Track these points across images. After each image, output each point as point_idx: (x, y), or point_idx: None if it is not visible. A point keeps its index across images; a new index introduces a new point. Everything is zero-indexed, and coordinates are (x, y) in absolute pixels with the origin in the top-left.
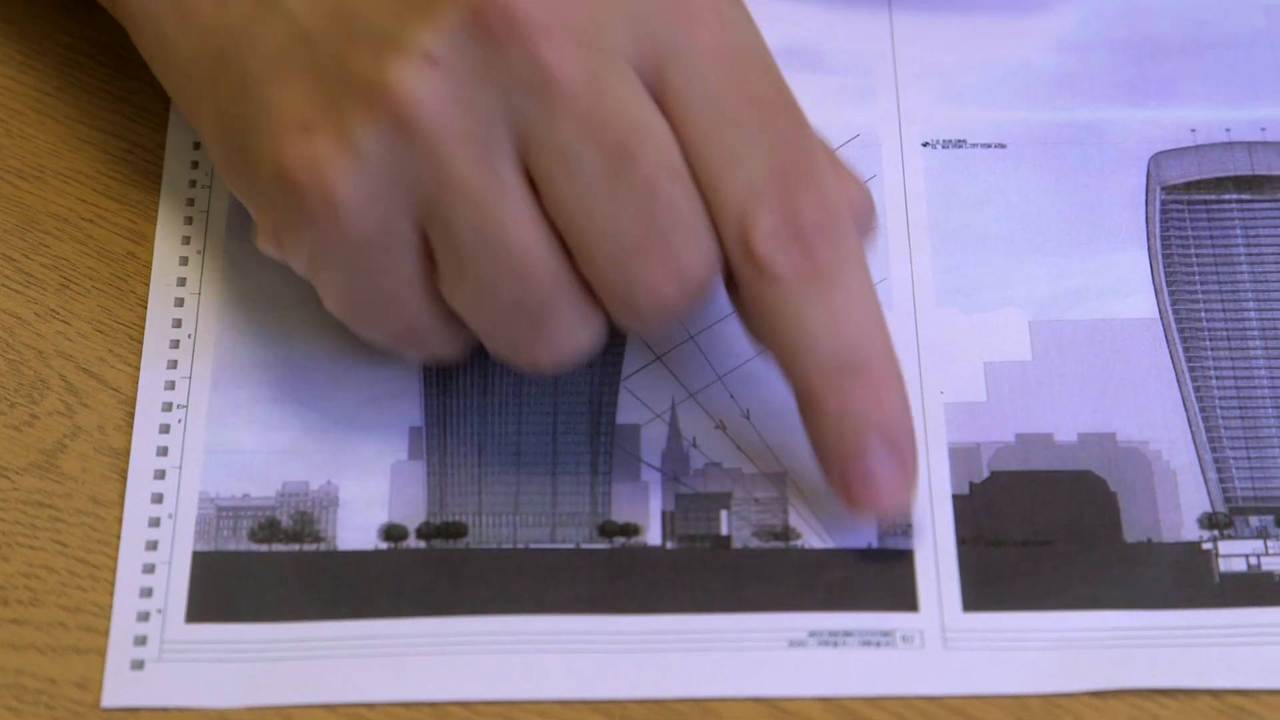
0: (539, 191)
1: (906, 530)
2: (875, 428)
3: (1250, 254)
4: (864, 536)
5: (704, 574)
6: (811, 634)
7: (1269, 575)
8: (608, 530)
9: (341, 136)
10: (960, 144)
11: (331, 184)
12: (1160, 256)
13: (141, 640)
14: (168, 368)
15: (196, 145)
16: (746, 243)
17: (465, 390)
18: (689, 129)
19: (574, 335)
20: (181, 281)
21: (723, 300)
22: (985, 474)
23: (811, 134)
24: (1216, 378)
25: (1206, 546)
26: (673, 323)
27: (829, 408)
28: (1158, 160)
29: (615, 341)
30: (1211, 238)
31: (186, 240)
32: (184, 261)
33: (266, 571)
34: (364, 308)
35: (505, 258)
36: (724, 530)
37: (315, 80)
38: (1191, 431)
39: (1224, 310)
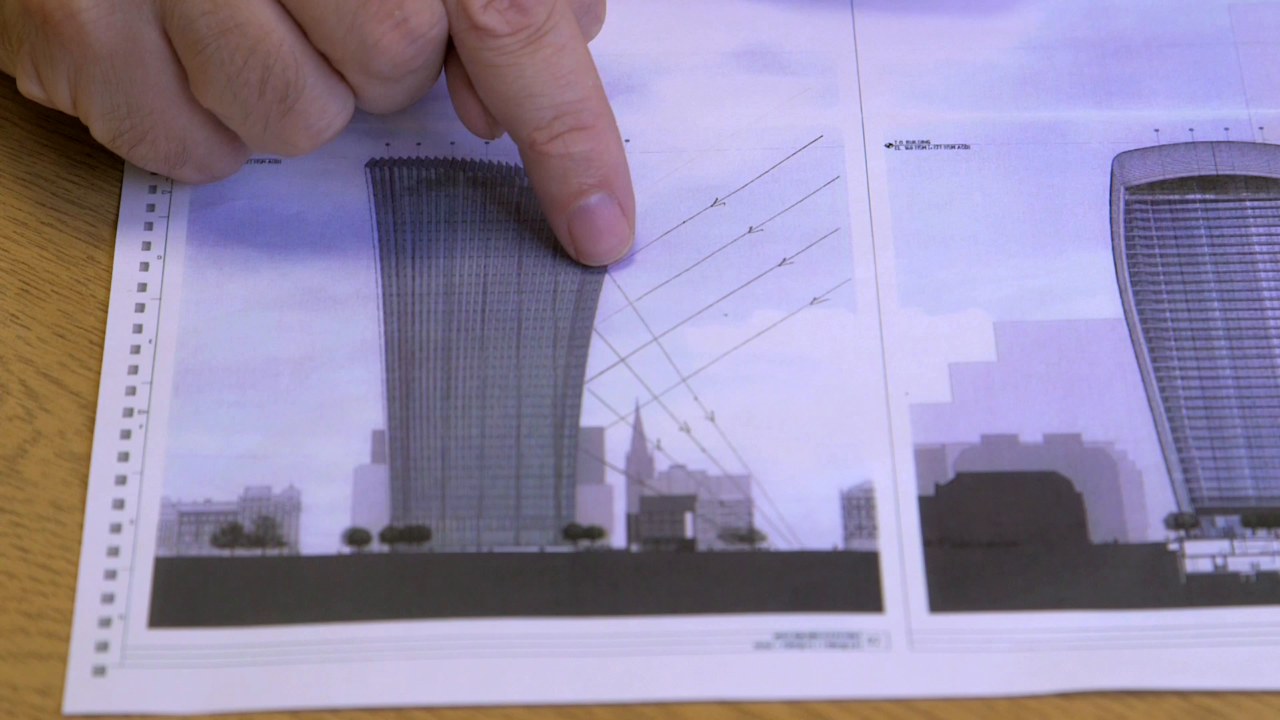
0: None
1: (872, 531)
2: (595, 166)
3: (1214, 254)
4: (829, 538)
5: (669, 577)
6: (777, 636)
7: (1235, 575)
8: (572, 533)
9: None
10: (924, 145)
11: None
12: (1125, 256)
13: (103, 646)
14: (128, 373)
15: None
16: (465, 5)
17: (428, 393)
18: None
19: (324, 110)
20: (142, 286)
21: (685, 305)
22: (951, 475)
23: None
24: (1181, 378)
25: (1173, 547)
26: (411, 87)
27: (551, 151)
28: (1121, 160)
29: (579, 343)
30: (1176, 238)
31: (147, 245)
32: (144, 266)
33: (229, 576)
34: (132, 130)
35: (242, 39)
36: (689, 533)
37: None
38: (1157, 432)
39: (1188, 310)
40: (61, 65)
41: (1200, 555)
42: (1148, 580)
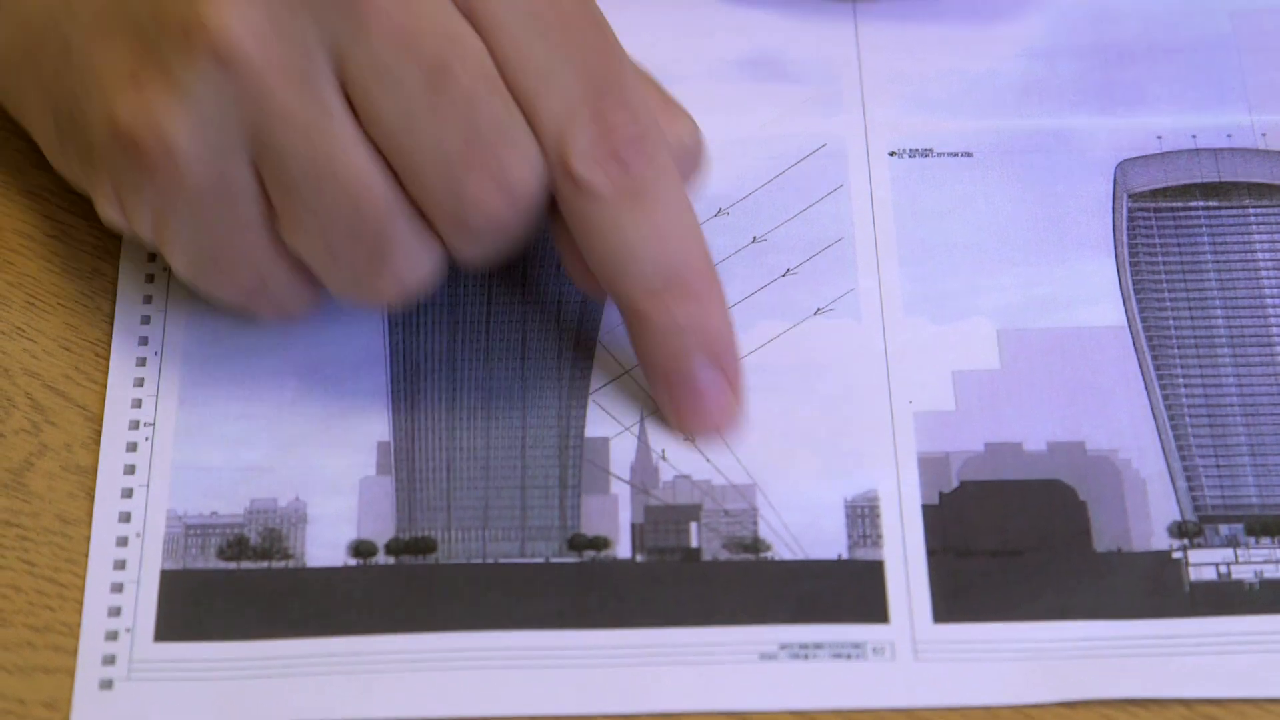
0: (360, 114)
1: (877, 541)
2: (699, 336)
3: (1217, 261)
4: (834, 548)
5: (674, 587)
6: (782, 646)
7: (1239, 584)
8: (577, 544)
9: (168, 82)
10: (927, 153)
11: (165, 129)
12: (1128, 264)
13: (110, 659)
14: (134, 385)
15: None
16: (564, 161)
17: (433, 404)
18: (501, 45)
19: (413, 264)
20: (148, 298)
21: None
22: (955, 484)
23: (621, 53)
24: (1185, 385)
25: (1176, 555)
26: (505, 243)
27: (655, 320)
28: (1124, 168)
29: (583, 355)
30: (1179, 245)
31: (153, 257)
32: (150, 278)
33: (235, 589)
34: (212, 263)
35: (336, 185)
36: (694, 542)
37: (135, 34)
38: (1160, 440)
39: (1192, 318)
40: (147, 195)
41: (1204, 564)
42: (1152, 589)
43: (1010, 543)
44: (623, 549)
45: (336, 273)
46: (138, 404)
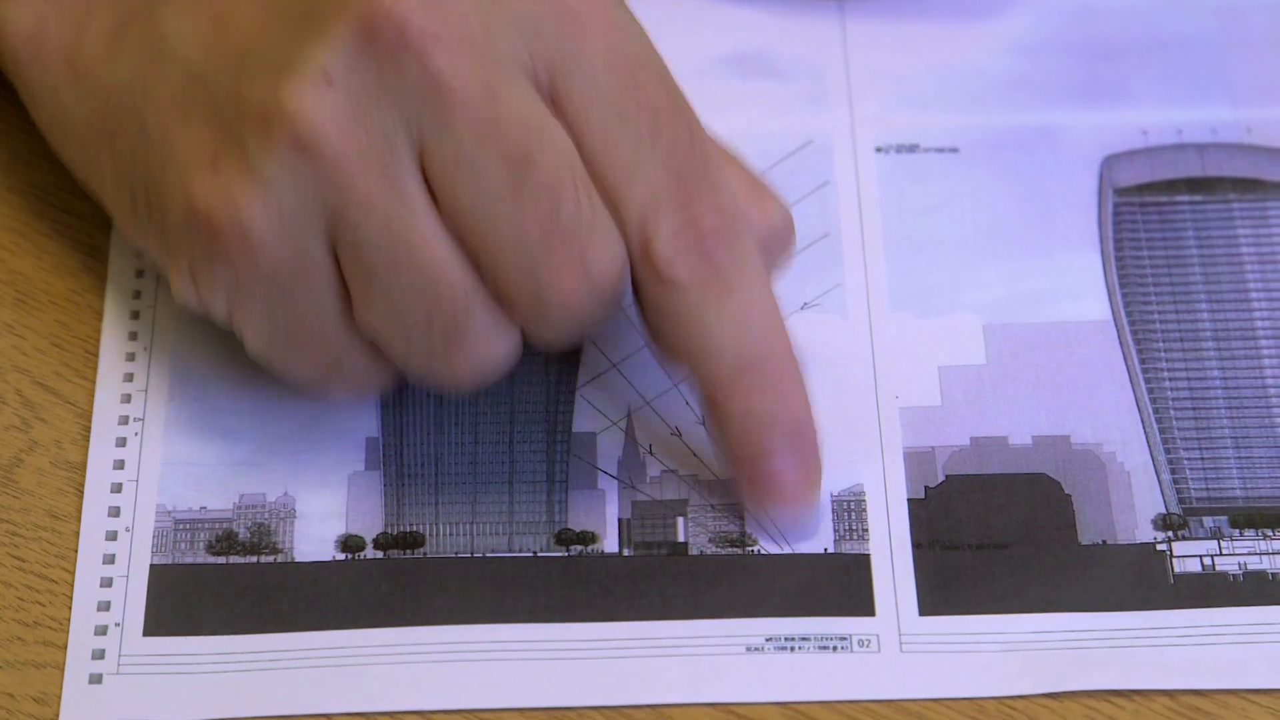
0: (441, 203)
1: (863, 534)
2: (779, 428)
3: (1202, 256)
4: (820, 541)
5: (661, 581)
6: (768, 639)
7: (1223, 575)
8: (565, 538)
9: (247, 167)
10: (913, 149)
11: (243, 213)
12: (1113, 259)
13: (100, 654)
14: (124, 380)
15: None
16: (647, 249)
17: (421, 400)
18: (586, 135)
19: (490, 348)
20: (137, 294)
21: None
22: (940, 478)
23: (706, 139)
24: (1170, 379)
25: (1161, 548)
26: (583, 329)
27: (733, 409)
28: (1110, 163)
29: (570, 350)
30: (1164, 240)
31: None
32: (139, 274)
33: (224, 584)
34: (286, 343)
35: (414, 272)
36: (681, 537)
37: (215, 118)
38: (1145, 433)
39: (1177, 312)
40: (222, 278)
41: (1188, 556)
42: (1136, 581)
43: (996, 536)
44: (610, 543)
45: (411, 357)
46: (127, 399)
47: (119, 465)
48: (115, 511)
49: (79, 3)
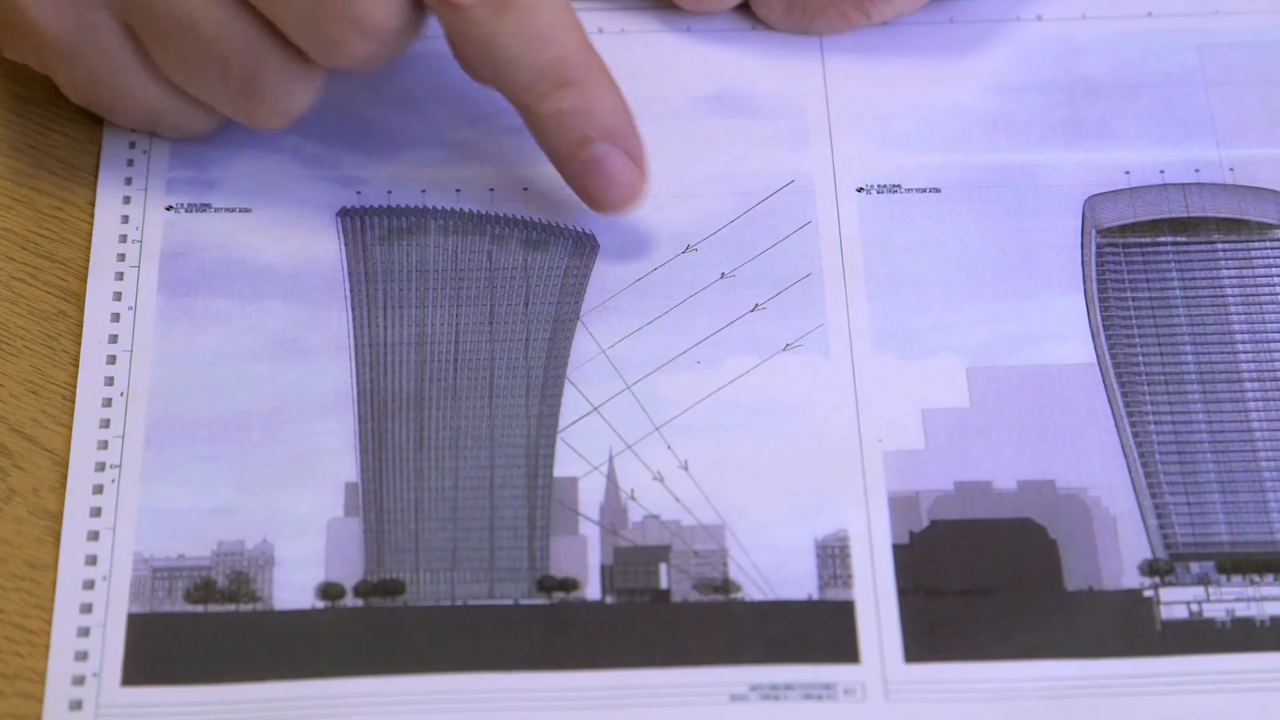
0: None
1: (847, 580)
2: (589, 117)
3: (1186, 297)
4: (804, 588)
5: (644, 628)
6: (753, 688)
7: (1210, 622)
8: (546, 585)
9: None
10: (895, 189)
11: None
12: (1097, 300)
13: (77, 705)
14: (100, 426)
15: (127, 200)
16: None
17: (401, 444)
18: None
19: (290, 94)
20: (113, 338)
21: (657, 353)
22: (925, 523)
23: None
24: (1155, 423)
25: (1148, 594)
26: (381, 61)
27: (544, 111)
28: (1092, 203)
29: (551, 393)
30: (1148, 281)
31: (118, 296)
32: (115, 318)
33: (202, 633)
34: (97, 96)
35: (198, 35)
36: (663, 584)
37: None
38: (1131, 477)
39: (1161, 354)
40: (22, 47)
41: (1175, 602)
42: (1123, 628)
43: (981, 582)
44: (592, 590)
45: (219, 105)
46: (104, 445)
47: (96, 513)
48: (93, 560)
49: None
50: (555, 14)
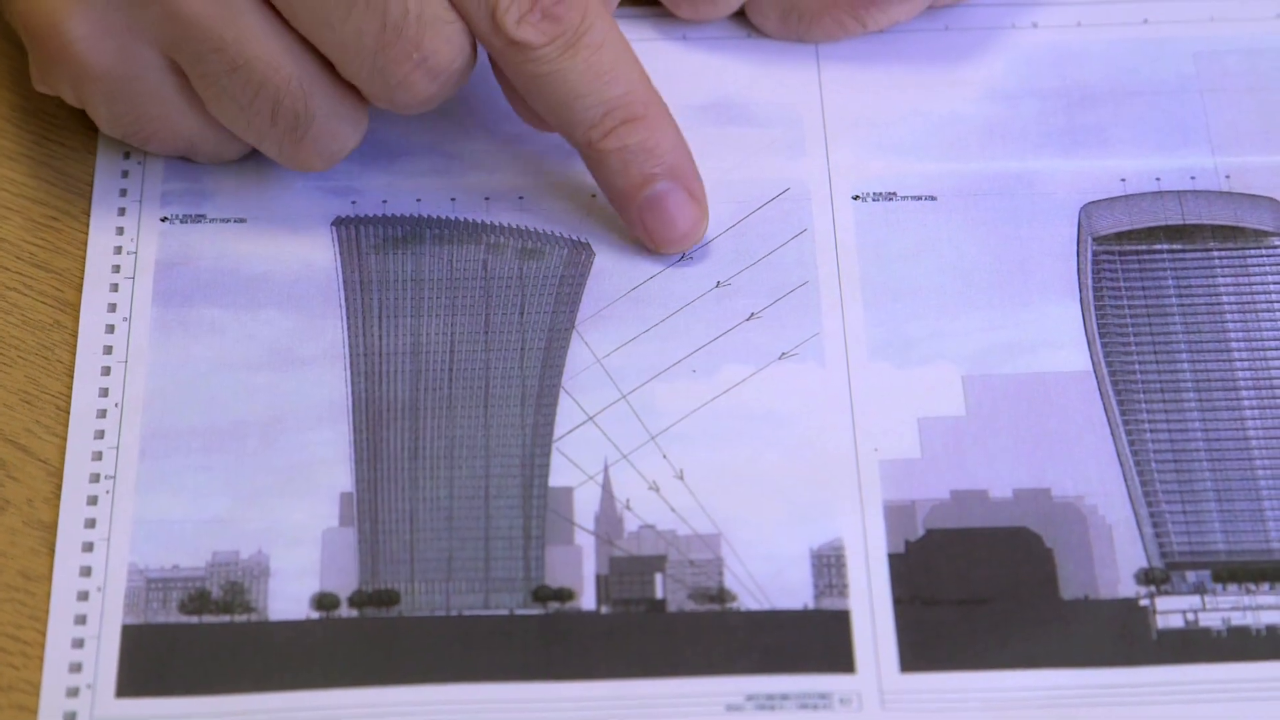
0: (280, 10)
1: (843, 590)
2: (653, 155)
3: (1182, 304)
4: (800, 597)
5: (639, 638)
6: (749, 698)
7: (1206, 631)
8: (541, 595)
9: None
10: (891, 196)
11: (61, 24)
12: (1093, 308)
13: (71, 716)
14: (95, 437)
15: (121, 211)
16: (495, 24)
17: (395, 455)
18: None
19: (336, 134)
20: (108, 349)
21: (653, 362)
22: (920, 532)
23: None
24: (1151, 431)
25: (1144, 603)
26: (439, 102)
27: (608, 148)
28: (1088, 210)
29: (547, 402)
30: (1144, 288)
31: (113, 307)
32: (110, 329)
33: (197, 644)
34: (135, 129)
35: (251, 76)
36: (659, 594)
37: None
38: (1127, 486)
39: (1157, 362)
40: (61, 78)
41: (1171, 611)
42: (1119, 637)
43: (977, 591)
44: (587, 600)
45: (263, 145)
46: (98, 456)
47: (90, 524)
48: (87, 571)
49: None
50: (618, 50)
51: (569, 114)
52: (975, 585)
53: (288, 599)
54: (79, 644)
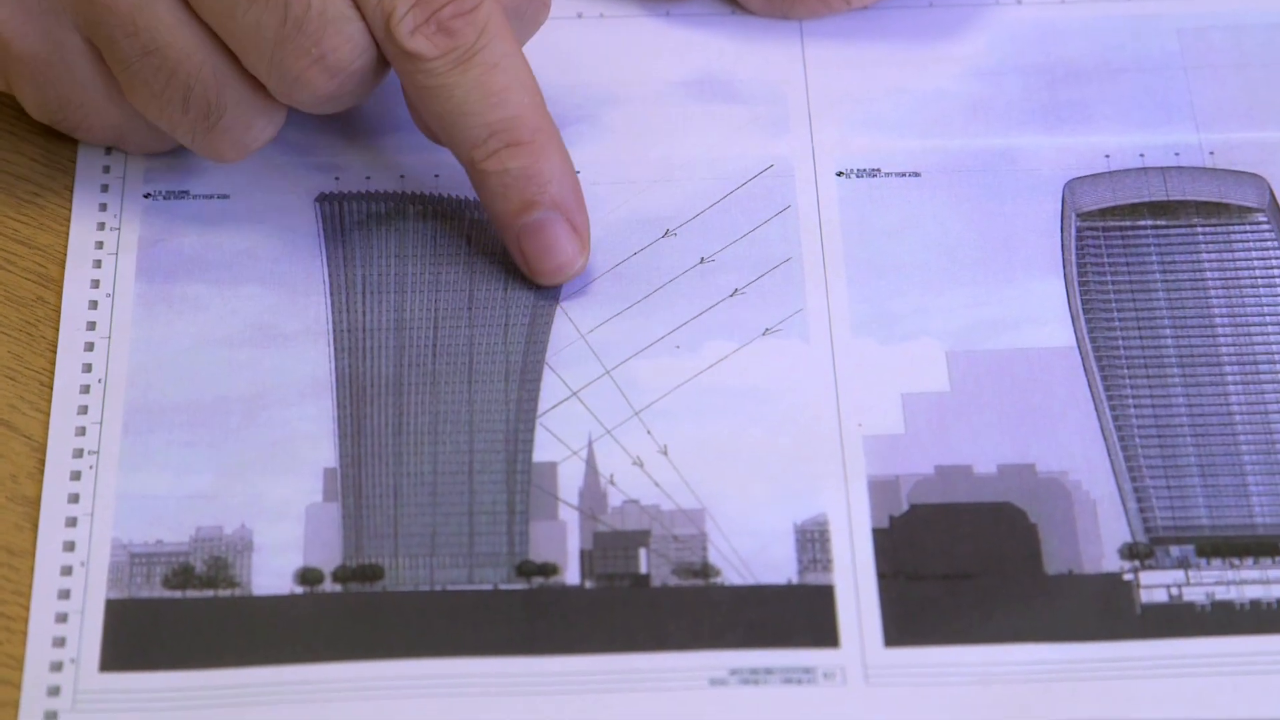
0: None
1: (827, 565)
2: (534, 182)
3: (1166, 280)
4: (784, 572)
5: (623, 613)
6: (733, 672)
7: (1190, 606)
8: (525, 570)
9: None
10: (875, 173)
11: None
12: (1076, 284)
13: (55, 691)
14: (78, 413)
15: (105, 188)
16: (389, 31)
17: (379, 430)
18: None
19: (249, 126)
20: (91, 325)
21: (636, 338)
22: (905, 507)
23: None
24: (1135, 406)
25: (1128, 577)
26: (342, 104)
27: (489, 169)
28: (1072, 187)
29: (531, 378)
30: (1127, 264)
31: (96, 284)
32: (93, 305)
33: (181, 618)
34: (64, 116)
35: (163, 62)
36: (643, 568)
37: None
38: (1111, 461)
39: (1141, 338)
40: None
41: (1155, 585)
42: (1103, 611)
43: (961, 566)
44: (571, 575)
45: (177, 135)
46: (81, 431)
47: (74, 499)
48: (70, 546)
49: None
50: (514, 74)
51: (454, 130)
52: (959, 560)
53: (271, 574)
54: (63, 618)
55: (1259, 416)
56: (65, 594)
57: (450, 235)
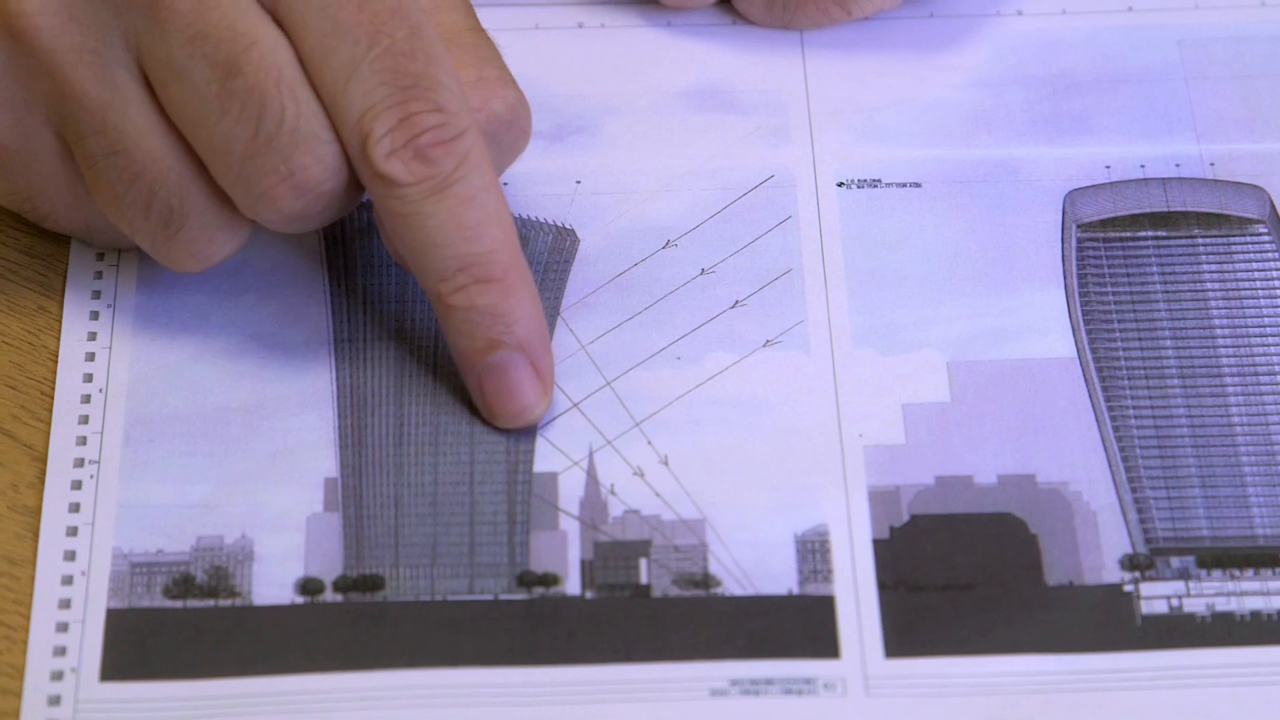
0: (161, 99)
1: (827, 575)
2: (500, 322)
3: (1167, 291)
4: (784, 583)
5: (624, 623)
6: (733, 683)
7: (1190, 617)
8: (526, 580)
9: None
10: (875, 184)
11: None
12: (1077, 295)
13: (55, 700)
14: (79, 423)
15: None
16: (364, 153)
17: (380, 440)
18: (304, 44)
19: (211, 239)
20: (92, 335)
21: (637, 349)
22: (905, 517)
23: (430, 38)
24: (1135, 417)
25: (1128, 588)
26: (310, 224)
27: (455, 304)
28: (1073, 197)
29: None
30: (1128, 275)
31: (97, 294)
32: (95, 315)
33: (181, 628)
34: (30, 207)
35: (129, 164)
36: (643, 579)
37: None
38: (1111, 472)
39: (1141, 349)
40: None
41: (1156, 596)
42: (1104, 622)
43: (961, 577)
44: (572, 585)
45: (136, 236)
46: (82, 441)
47: (74, 508)
48: (71, 555)
49: None
50: (490, 209)
51: (423, 260)
52: (960, 571)
53: (272, 584)
54: (63, 628)
55: (1260, 427)
56: (66, 603)
57: None
